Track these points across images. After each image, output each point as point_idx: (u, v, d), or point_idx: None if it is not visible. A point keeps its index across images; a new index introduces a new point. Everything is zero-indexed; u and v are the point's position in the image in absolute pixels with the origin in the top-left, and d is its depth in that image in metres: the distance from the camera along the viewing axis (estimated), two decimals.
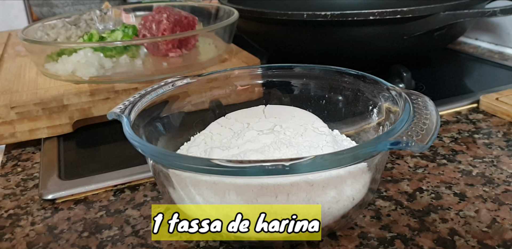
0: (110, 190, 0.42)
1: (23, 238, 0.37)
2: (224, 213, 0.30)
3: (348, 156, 0.26)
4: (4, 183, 0.45)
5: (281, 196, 0.29)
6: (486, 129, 0.50)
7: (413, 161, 0.44)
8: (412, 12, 0.56)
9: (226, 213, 0.30)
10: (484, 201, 0.37)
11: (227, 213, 0.30)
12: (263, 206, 0.30)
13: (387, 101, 0.36)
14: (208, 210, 0.31)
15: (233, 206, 0.30)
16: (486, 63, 0.73)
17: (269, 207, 0.30)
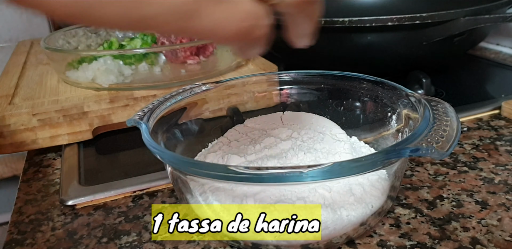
0: (129, 196, 0.43)
1: (43, 243, 0.37)
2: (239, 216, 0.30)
3: (367, 163, 0.26)
4: (26, 189, 0.46)
5: (298, 203, 0.29)
6: (508, 135, 0.49)
7: (433, 168, 0.43)
8: (431, 17, 0.55)
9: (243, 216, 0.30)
10: (507, 209, 0.37)
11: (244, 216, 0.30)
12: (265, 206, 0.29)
13: (406, 107, 0.36)
14: (225, 215, 0.31)
15: (250, 208, 0.30)
16: (507, 68, 0.72)
17: (271, 207, 0.29)
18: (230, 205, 0.30)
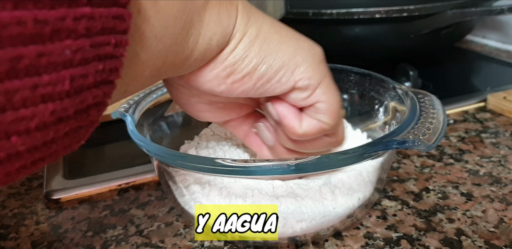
0: (115, 189, 0.42)
1: (27, 237, 0.37)
2: (228, 213, 0.30)
3: (353, 155, 0.26)
4: None
5: (287, 196, 0.29)
6: (494, 128, 0.49)
7: (420, 161, 0.44)
8: (418, 10, 0.55)
9: (229, 213, 0.30)
10: (491, 200, 0.37)
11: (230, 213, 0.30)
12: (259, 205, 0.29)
13: (393, 100, 0.36)
14: (212, 209, 0.31)
15: (237, 206, 0.30)
16: (493, 61, 0.72)
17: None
18: (215, 202, 0.30)
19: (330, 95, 0.26)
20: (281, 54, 0.25)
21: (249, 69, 0.24)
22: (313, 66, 0.26)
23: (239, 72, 0.24)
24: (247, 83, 0.24)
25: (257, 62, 0.24)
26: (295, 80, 0.25)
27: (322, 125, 0.27)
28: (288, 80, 0.25)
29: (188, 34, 0.21)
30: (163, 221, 0.37)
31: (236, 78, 0.24)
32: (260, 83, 0.25)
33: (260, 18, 0.25)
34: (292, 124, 0.27)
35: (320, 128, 0.27)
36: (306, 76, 0.25)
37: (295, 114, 0.27)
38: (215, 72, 0.24)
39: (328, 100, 0.26)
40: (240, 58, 0.24)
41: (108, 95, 0.17)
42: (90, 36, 0.14)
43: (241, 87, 0.24)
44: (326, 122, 0.27)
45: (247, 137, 0.33)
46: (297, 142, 0.29)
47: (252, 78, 0.24)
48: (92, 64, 0.15)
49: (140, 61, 0.19)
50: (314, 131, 0.27)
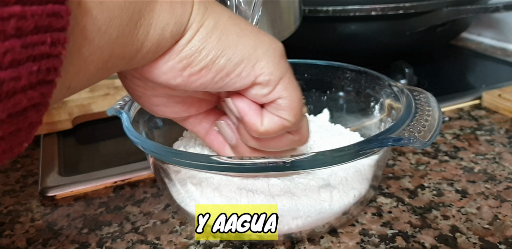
0: (110, 186, 0.42)
1: (22, 234, 0.37)
2: (223, 211, 0.30)
3: (349, 152, 0.26)
4: (3, 179, 0.45)
5: (283, 195, 0.29)
6: (488, 125, 0.50)
7: (415, 158, 0.44)
8: (414, 7, 0.55)
9: (229, 213, 0.30)
10: (486, 198, 0.37)
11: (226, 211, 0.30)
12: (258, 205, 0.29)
13: (389, 97, 0.36)
14: (212, 209, 0.31)
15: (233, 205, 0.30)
16: (488, 59, 0.73)
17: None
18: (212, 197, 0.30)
19: (291, 92, 0.26)
20: (241, 47, 0.24)
21: (207, 61, 0.23)
22: (274, 61, 0.25)
23: (196, 65, 0.23)
24: (205, 76, 0.23)
25: (215, 55, 0.23)
26: (256, 74, 0.24)
27: (284, 122, 0.26)
28: (249, 75, 0.24)
29: (137, 25, 0.20)
30: (159, 218, 0.37)
31: (193, 71, 0.23)
32: (219, 77, 0.24)
33: (218, 10, 0.24)
34: (253, 121, 0.26)
35: (282, 125, 0.26)
36: (267, 72, 0.24)
37: (256, 111, 0.26)
38: (170, 64, 0.23)
39: (289, 97, 0.25)
40: (197, 50, 0.23)
41: (46, 95, 0.16)
42: (21, 36, 0.14)
43: (199, 80, 0.24)
44: (287, 119, 0.26)
45: (208, 135, 0.32)
46: (260, 140, 0.28)
47: (211, 71, 0.23)
48: (25, 65, 0.14)
49: (83, 56, 0.18)
50: (275, 128, 0.26)
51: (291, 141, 0.28)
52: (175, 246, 0.34)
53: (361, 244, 0.33)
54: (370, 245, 0.32)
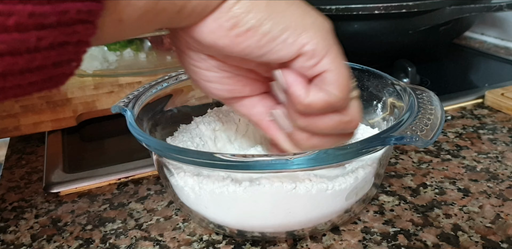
0: (114, 183, 0.43)
1: (27, 230, 0.37)
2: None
3: (352, 150, 0.26)
4: (8, 176, 0.46)
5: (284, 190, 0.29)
6: (491, 124, 0.50)
7: (417, 156, 0.44)
8: (417, 6, 0.55)
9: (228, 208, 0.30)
10: (488, 196, 0.37)
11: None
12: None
13: (391, 96, 0.36)
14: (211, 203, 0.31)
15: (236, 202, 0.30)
16: (491, 58, 0.73)
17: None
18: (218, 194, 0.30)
19: (338, 66, 0.25)
20: (288, 14, 0.24)
21: (254, 22, 0.23)
22: (322, 33, 0.25)
23: (244, 25, 0.23)
24: (251, 38, 0.23)
25: (262, 17, 0.23)
26: (302, 43, 0.24)
27: (330, 96, 0.25)
28: (294, 42, 0.24)
29: None
30: (162, 215, 0.37)
31: (240, 31, 0.23)
32: (264, 41, 0.24)
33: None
34: (299, 92, 0.26)
35: (328, 100, 0.25)
36: (313, 41, 0.24)
37: (302, 82, 0.26)
38: (219, 22, 0.23)
39: (336, 70, 0.25)
40: (246, 10, 0.23)
41: (94, 14, 0.17)
42: None
43: (244, 42, 0.24)
44: (334, 94, 0.25)
45: (263, 122, 0.31)
46: (307, 118, 0.27)
47: (257, 34, 0.23)
48: None
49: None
50: (321, 102, 0.26)
51: (340, 121, 0.27)
52: (178, 243, 0.34)
53: (363, 242, 0.33)
54: (372, 243, 0.33)
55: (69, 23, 0.16)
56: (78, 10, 0.16)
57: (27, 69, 0.16)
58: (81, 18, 0.16)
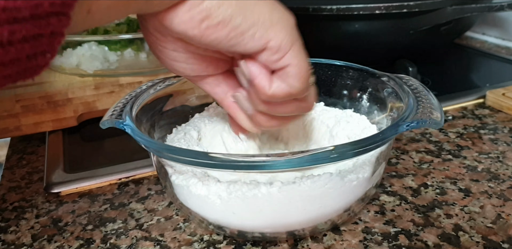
0: (115, 183, 0.43)
1: (28, 230, 0.37)
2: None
3: (379, 139, 0.27)
4: (9, 176, 0.46)
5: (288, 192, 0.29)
6: (492, 124, 0.50)
7: (418, 156, 0.44)
8: (418, 6, 0.55)
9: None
10: (489, 196, 0.37)
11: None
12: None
13: (390, 96, 0.36)
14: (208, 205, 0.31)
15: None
16: (493, 58, 0.72)
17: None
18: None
19: (300, 60, 0.27)
20: (257, 11, 0.25)
21: (224, 16, 0.24)
22: (287, 29, 0.26)
23: (215, 18, 0.24)
24: (220, 31, 0.24)
25: (233, 11, 0.24)
26: (268, 38, 0.25)
27: (291, 88, 0.27)
28: (261, 37, 0.25)
29: None
30: (163, 215, 0.37)
31: (210, 23, 0.24)
32: (233, 34, 0.25)
33: None
34: (263, 84, 0.27)
35: (289, 91, 0.27)
36: (279, 37, 0.25)
37: (266, 75, 0.27)
38: (190, 13, 0.24)
39: (298, 65, 0.26)
40: (217, 3, 0.24)
41: (68, 5, 0.17)
42: None
43: (214, 34, 0.24)
44: (295, 86, 0.27)
45: (226, 101, 0.33)
46: (268, 104, 0.29)
47: (226, 27, 0.24)
48: None
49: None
50: (282, 93, 0.27)
51: (297, 107, 0.30)
52: (179, 243, 0.34)
53: (364, 242, 0.33)
54: (372, 243, 0.33)
55: (43, 16, 0.16)
56: (52, 3, 0.16)
57: (1, 63, 0.16)
58: (55, 10, 0.17)
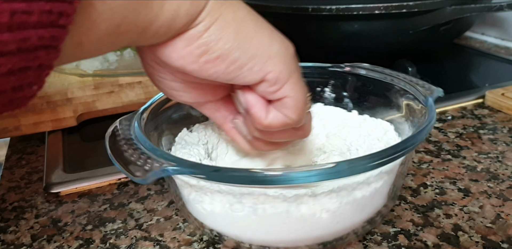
0: (114, 183, 0.43)
1: (27, 230, 0.37)
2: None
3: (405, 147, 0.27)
4: (8, 176, 0.46)
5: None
6: (491, 124, 0.50)
7: (418, 156, 0.44)
8: (418, 6, 0.55)
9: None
10: (489, 196, 0.37)
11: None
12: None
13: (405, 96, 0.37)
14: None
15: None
16: (492, 58, 0.73)
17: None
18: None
19: (297, 91, 0.27)
20: (256, 43, 0.25)
21: (223, 51, 0.24)
22: (285, 60, 0.26)
23: (213, 53, 0.24)
24: (219, 65, 0.24)
25: (232, 46, 0.24)
26: (266, 71, 0.25)
27: (287, 119, 0.27)
28: (260, 70, 0.25)
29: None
30: (163, 215, 0.37)
31: (209, 58, 0.24)
32: (232, 68, 0.25)
33: (236, 4, 0.25)
34: (259, 114, 0.27)
35: (285, 122, 0.27)
36: (277, 69, 0.25)
37: (263, 105, 0.27)
38: (189, 49, 0.24)
39: (295, 96, 0.26)
40: (215, 38, 0.23)
41: (58, 39, 0.17)
42: None
43: (212, 68, 0.24)
44: (291, 117, 0.27)
45: (226, 124, 0.33)
46: (264, 132, 0.29)
47: (225, 62, 0.24)
48: (37, 2, 0.15)
49: (95, 11, 0.19)
50: (279, 123, 0.27)
51: (293, 134, 0.30)
52: (178, 243, 0.34)
53: (363, 242, 0.33)
54: (372, 243, 0.33)
55: (30, 49, 0.16)
56: (40, 37, 0.16)
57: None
58: (44, 43, 0.16)
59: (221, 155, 0.37)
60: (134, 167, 0.26)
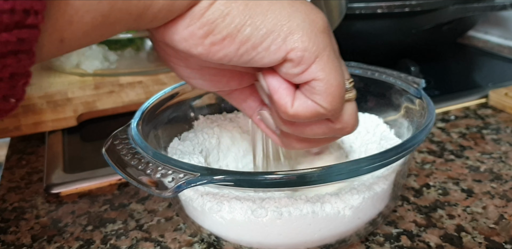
0: (115, 183, 0.42)
1: (27, 231, 0.37)
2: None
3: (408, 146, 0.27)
4: (9, 176, 0.45)
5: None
6: (495, 124, 0.49)
7: (420, 157, 0.44)
8: (421, 5, 0.55)
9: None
10: (492, 197, 0.37)
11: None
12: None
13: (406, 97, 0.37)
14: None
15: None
16: (495, 57, 0.72)
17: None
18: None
19: (329, 73, 0.22)
20: (271, 16, 0.21)
21: (230, 29, 0.20)
22: (311, 35, 0.21)
23: (219, 33, 0.20)
24: (228, 46, 0.21)
25: (240, 22, 0.20)
26: (287, 49, 0.21)
27: (318, 107, 0.23)
28: (279, 49, 0.21)
29: None
30: (163, 216, 0.37)
31: (215, 39, 0.20)
32: (244, 49, 0.21)
33: None
34: (283, 101, 0.23)
35: (315, 110, 0.23)
36: (301, 47, 0.21)
37: (288, 90, 0.23)
38: (190, 29, 0.20)
39: (326, 79, 0.22)
40: (221, 15, 0.20)
41: (28, 42, 0.14)
42: None
43: (221, 51, 0.21)
44: (322, 105, 0.22)
45: (254, 117, 0.29)
46: (293, 125, 0.25)
47: (235, 42, 0.21)
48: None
49: (74, 4, 0.16)
50: (307, 113, 0.23)
51: (330, 129, 0.25)
52: (179, 244, 0.34)
53: (366, 243, 0.33)
54: (374, 244, 0.32)
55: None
56: (5, 42, 0.14)
57: None
58: (11, 49, 0.14)
59: (217, 162, 0.37)
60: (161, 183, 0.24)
